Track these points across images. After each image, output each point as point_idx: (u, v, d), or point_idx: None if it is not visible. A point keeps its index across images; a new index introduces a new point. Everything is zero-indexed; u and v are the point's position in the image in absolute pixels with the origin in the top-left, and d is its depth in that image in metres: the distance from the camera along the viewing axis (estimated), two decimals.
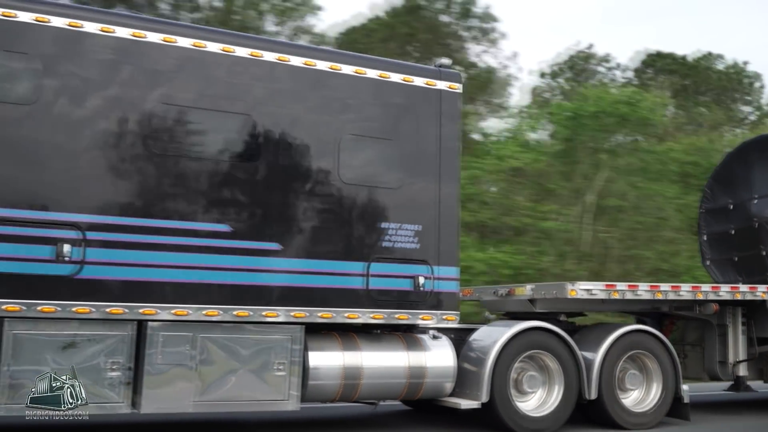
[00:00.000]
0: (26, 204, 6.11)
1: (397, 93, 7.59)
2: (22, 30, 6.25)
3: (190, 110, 6.73)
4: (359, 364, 7.20)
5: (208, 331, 6.58)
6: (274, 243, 6.88)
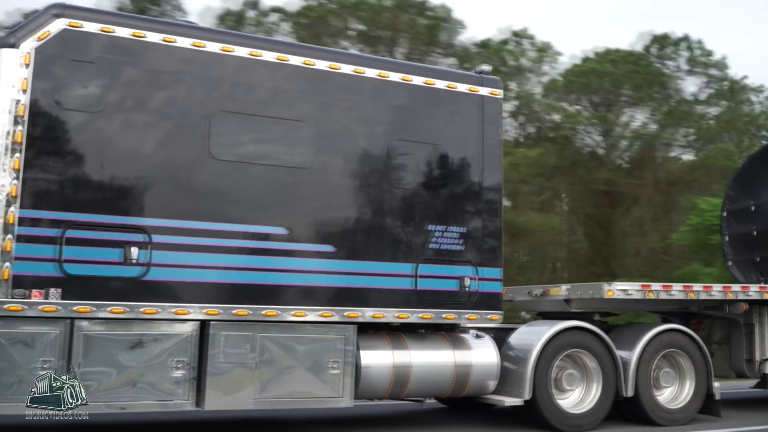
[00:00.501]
0: (96, 208, 6.34)
1: (441, 99, 7.83)
2: (88, 40, 6.48)
3: (247, 117, 6.96)
4: (408, 362, 7.43)
5: (267, 331, 6.81)
6: (328, 245, 7.11)
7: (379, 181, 7.42)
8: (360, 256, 7.23)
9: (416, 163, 7.63)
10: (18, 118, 6.16)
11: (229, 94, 6.92)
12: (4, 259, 6.00)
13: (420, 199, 7.58)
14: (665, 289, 8.85)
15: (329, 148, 7.25)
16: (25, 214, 6.10)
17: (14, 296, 6.00)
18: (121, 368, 6.28)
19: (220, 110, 6.86)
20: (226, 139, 6.88)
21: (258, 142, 7.02)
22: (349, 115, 7.38)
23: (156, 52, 6.70)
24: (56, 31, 6.37)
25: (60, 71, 6.34)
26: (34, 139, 6.19)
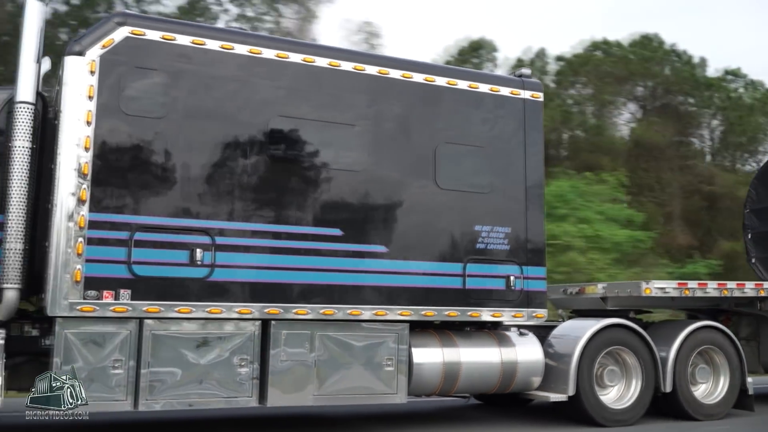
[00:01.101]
0: (162, 211, 6.52)
1: (485, 102, 8.02)
2: (150, 47, 6.66)
3: (303, 122, 7.15)
4: (458, 359, 7.62)
5: (325, 330, 6.99)
6: (380, 246, 7.29)
7: (427, 182, 7.60)
8: (411, 256, 7.41)
9: (463, 166, 7.81)
10: (86, 124, 6.33)
11: (285, 98, 7.10)
12: (76, 262, 6.16)
13: (467, 201, 7.76)
14: (701, 287, 9.06)
15: (381, 151, 7.44)
16: (95, 217, 6.27)
17: (86, 298, 6.17)
18: (188, 366, 6.45)
19: (277, 114, 7.03)
20: (283, 142, 7.05)
21: (314, 145, 7.18)
22: (398, 119, 7.57)
23: (214, 59, 6.88)
24: (120, 38, 6.54)
25: (124, 78, 6.51)
26: (101, 145, 6.37)
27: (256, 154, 6.93)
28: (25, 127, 6.30)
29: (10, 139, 6.30)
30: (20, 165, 6.26)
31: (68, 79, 6.37)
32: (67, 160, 6.25)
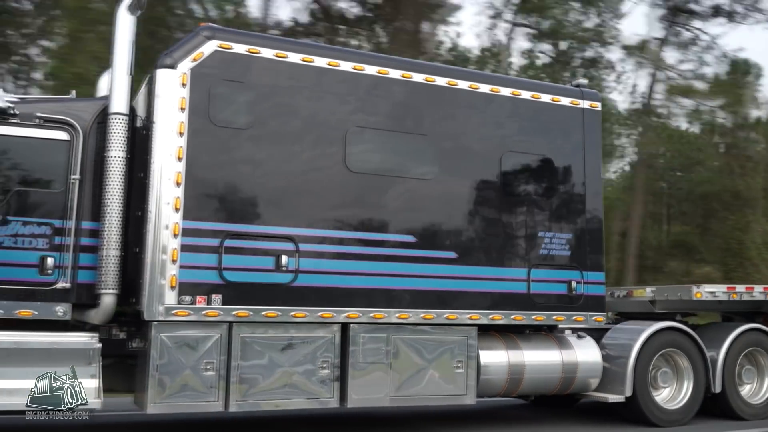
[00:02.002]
0: (250, 219, 6.77)
1: (547, 112, 8.27)
2: (237, 60, 6.89)
3: (377, 132, 7.39)
4: (522, 361, 7.88)
5: (400, 333, 7.25)
6: (451, 252, 7.55)
7: (493, 190, 7.86)
8: (479, 262, 7.67)
9: (526, 173, 8.07)
10: (178, 135, 6.57)
11: (360, 109, 7.34)
12: (171, 268, 6.41)
13: (531, 208, 8.02)
14: (748, 291, 9.33)
15: (450, 160, 7.68)
16: (189, 225, 6.52)
17: (181, 302, 6.42)
18: (274, 368, 6.71)
19: (355, 125, 7.28)
20: (360, 152, 7.30)
21: (388, 155, 7.43)
22: (465, 129, 7.81)
23: (296, 71, 7.11)
24: (209, 52, 6.78)
25: (213, 90, 6.74)
26: (192, 155, 6.60)
27: (335, 163, 7.17)
28: (119, 137, 6.54)
29: (105, 149, 6.54)
30: (115, 174, 6.50)
31: (161, 91, 6.61)
32: (161, 169, 6.49)
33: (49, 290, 6.35)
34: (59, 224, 6.43)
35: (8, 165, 6.41)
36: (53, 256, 6.38)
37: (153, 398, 6.28)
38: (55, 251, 6.39)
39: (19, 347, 6.14)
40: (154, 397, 6.28)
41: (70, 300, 6.41)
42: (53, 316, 6.36)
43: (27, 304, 6.29)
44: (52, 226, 6.41)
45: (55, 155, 6.53)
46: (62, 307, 6.38)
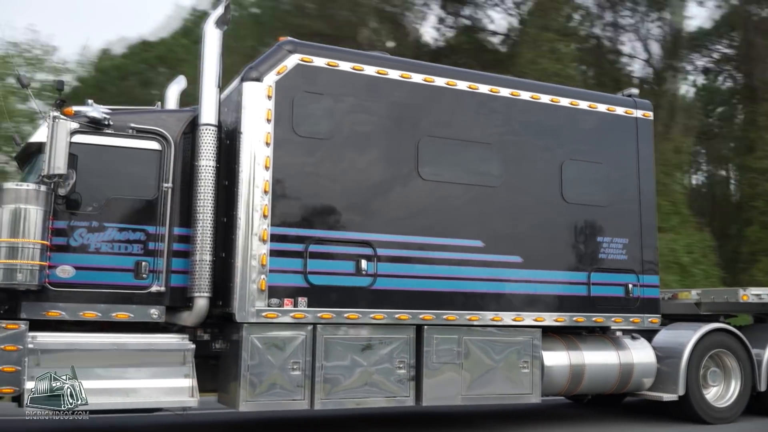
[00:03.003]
0: (332, 225, 7.07)
1: (603, 121, 8.59)
2: (317, 73, 7.20)
3: (448, 141, 7.69)
4: (582, 362, 8.19)
5: (470, 334, 7.54)
6: (516, 256, 7.85)
7: (555, 197, 8.16)
8: (543, 265, 7.98)
9: (585, 181, 8.38)
10: (265, 145, 6.86)
11: (432, 119, 7.65)
12: (261, 272, 6.71)
13: (590, 214, 8.33)
14: None
15: (514, 167, 7.99)
16: (276, 231, 6.81)
17: (270, 305, 6.71)
18: (354, 368, 7.00)
19: (426, 135, 7.58)
20: (431, 160, 7.60)
21: (457, 163, 7.74)
22: (528, 138, 8.12)
23: (371, 83, 7.41)
24: (292, 65, 7.08)
25: (296, 102, 7.04)
26: (278, 164, 6.90)
27: (409, 171, 7.47)
28: (209, 147, 6.83)
29: (196, 159, 6.83)
30: (206, 182, 6.79)
31: (247, 103, 6.90)
32: (250, 178, 6.78)
33: (144, 293, 6.64)
34: (152, 230, 6.72)
35: (105, 173, 6.68)
36: (147, 260, 6.66)
37: (245, 397, 6.57)
38: (149, 256, 6.68)
39: (119, 348, 6.43)
40: (245, 396, 6.57)
41: (163, 303, 6.70)
42: (148, 318, 6.65)
43: (123, 307, 6.58)
44: (146, 232, 6.70)
45: (148, 164, 6.82)
46: (156, 310, 6.67)
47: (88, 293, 6.49)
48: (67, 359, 6.23)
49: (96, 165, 6.63)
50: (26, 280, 6.03)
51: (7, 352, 6.17)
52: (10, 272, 5.97)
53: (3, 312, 6.26)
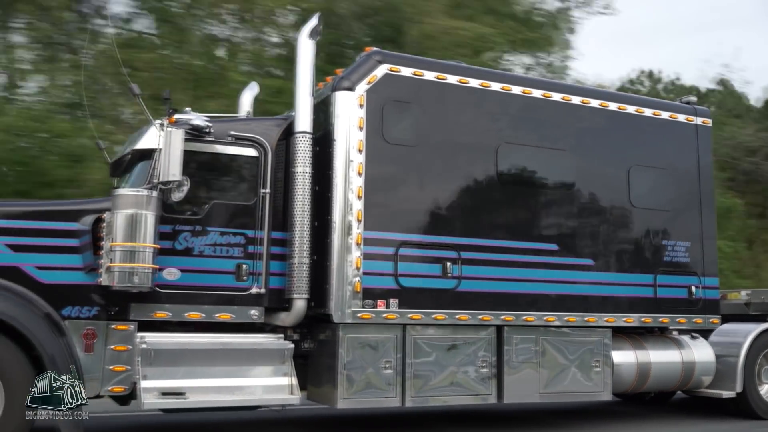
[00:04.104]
0: (419, 229, 7.35)
1: (666, 128, 8.88)
2: (404, 83, 7.46)
3: (524, 148, 7.97)
4: (648, 360, 8.50)
5: (546, 335, 7.84)
6: (588, 259, 8.14)
7: (623, 202, 8.46)
8: (613, 268, 8.28)
9: (650, 186, 8.67)
10: (358, 152, 7.13)
11: (509, 126, 7.93)
12: (356, 275, 6.98)
13: (655, 217, 8.63)
14: None
15: (586, 173, 8.27)
16: (369, 235, 7.08)
17: (365, 306, 6.99)
18: (441, 367, 7.28)
19: (504, 141, 7.86)
20: (509, 166, 7.88)
21: (533, 168, 8.02)
22: (599, 144, 8.41)
23: (454, 92, 7.68)
24: (381, 75, 7.34)
25: (385, 110, 7.30)
26: (370, 170, 7.16)
27: (489, 177, 7.75)
28: (305, 154, 7.08)
29: (292, 165, 7.08)
30: (302, 188, 7.04)
31: (340, 111, 7.16)
32: (344, 184, 7.05)
33: (244, 295, 6.90)
34: (251, 234, 6.98)
35: (206, 179, 6.94)
36: (247, 263, 6.92)
37: (342, 394, 6.84)
38: (249, 259, 6.94)
39: (224, 348, 6.69)
40: (343, 393, 6.84)
41: (262, 304, 6.97)
42: (248, 319, 6.92)
43: (225, 308, 6.84)
44: (245, 236, 6.96)
45: (246, 170, 7.08)
46: (256, 311, 6.94)
47: (192, 295, 6.75)
48: (177, 359, 6.50)
49: (199, 171, 6.88)
50: (141, 283, 6.27)
51: (118, 353, 6.45)
52: (127, 275, 6.21)
53: (113, 313, 6.50)
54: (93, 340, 6.40)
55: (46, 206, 6.83)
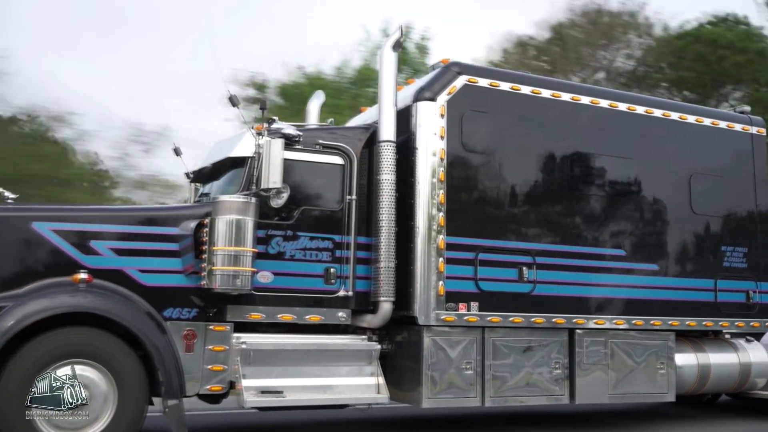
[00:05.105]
0: (497, 235, 7.61)
1: (724, 137, 9.16)
2: (481, 93, 7.73)
3: (594, 156, 8.24)
4: (708, 362, 8.76)
5: (614, 337, 8.10)
6: (653, 264, 8.41)
7: (685, 208, 8.72)
8: (676, 273, 8.55)
9: (710, 193, 8.93)
10: (439, 160, 7.39)
11: (580, 136, 8.20)
12: (439, 278, 7.24)
13: (714, 224, 8.90)
14: None
15: (650, 181, 8.54)
16: (451, 240, 7.34)
17: (447, 309, 7.25)
18: (517, 368, 7.55)
19: (575, 150, 8.12)
20: (581, 175, 8.14)
21: (603, 177, 8.29)
22: (661, 152, 8.67)
23: (527, 101, 7.95)
24: (460, 86, 7.61)
25: (464, 120, 7.57)
26: (451, 178, 7.43)
27: (560, 184, 8.02)
28: (389, 162, 7.33)
29: (377, 173, 7.33)
30: (387, 195, 7.29)
31: (422, 121, 7.42)
32: (427, 191, 7.31)
33: (332, 297, 7.16)
34: (338, 239, 7.24)
35: (296, 186, 7.18)
36: (335, 267, 7.18)
37: (427, 394, 7.10)
38: (336, 263, 7.20)
39: (318, 349, 6.96)
40: (427, 393, 7.10)
41: (349, 306, 7.22)
42: (336, 321, 7.18)
43: (315, 310, 7.10)
44: (333, 241, 7.21)
45: (333, 177, 7.34)
46: (344, 313, 7.20)
47: (284, 297, 7.01)
48: (273, 358, 6.76)
49: (289, 178, 7.12)
50: (242, 286, 6.53)
51: (216, 353, 6.71)
52: (230, 278, 6.47)
53: (211, 315, 6.76)
54: (193, 341, 6.65)
55: (148, 211, 7.10)
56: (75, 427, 5.91)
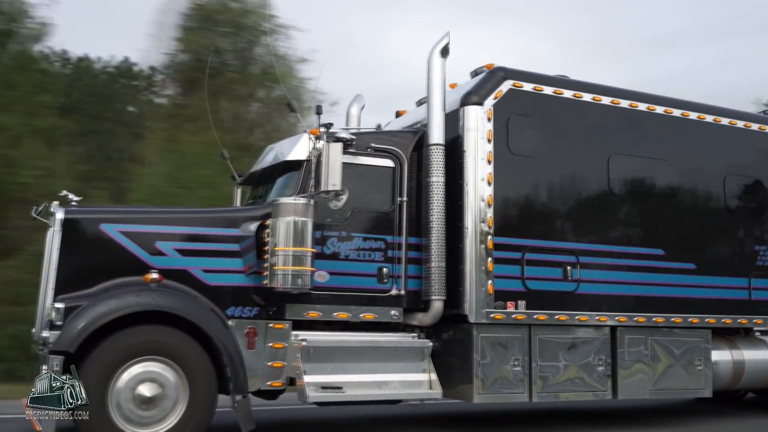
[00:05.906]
0: (543, 235, 7.83)
1: (756, 139, 9.38)
2: (526, 97, 7.94)
3: (633, 158, 8.45)
4: (742, 359, 8.98)
5: (654, 335, 8.32)
6: (690, 263, 8.63)
7: (720, 209, 8.95)
8: (713, 271, 8.76)
9: (743, 193, 9.16)
10: (487, 163, 7.61)
11: (619, 138, 8.41)
12: (488, 278, 7.46)
13: (748, 224, 9.12)
14: None
15: (687, 182, 8.77)
16: (499, 240, 7.56)
17: (496, 307, 7.47)
18: (563, 365, 7.76)
19: (614, 152, 8.34)
20: (620, 176, 8.36)
21: (642, 178, 8.51)
22: (698, 154, 8.90)
23: (570, 105, 8.17)
24: (506, 90, 7.83)
25: (510, 124, 7.78)
26: (498, 180, 7.64)
27: (601, 186, 8.24)
28: (439, 164, 7.55)
29: (427, 175, 7.55)
30: (437, 196, 7.51)
31: (470, 125, 7.64)
32: (476, 192, 7.53)
33: (385, 296, 7.38)
34: (390, 239, 7.46)
35: (350, 188, 7.38)
36: (387, 266, 7.40)
37: (478, 390, 7.32)
38: (389, 263, 7.42)
39: (373, 346, 7.18)
40: (478, 389, 7.32)
41: (401, 305, 7.45)
42: (389, 318, 7.40)
43: (369, 308, 7.33)
44: (385, 241, 7.44)
45: (385, 180, 7.56)
46: (396, 311, 7.42)
47: (340, 296, 7.23)
48: (331, 355, 6.98)
49: (344, 180, 7.33)
50: (303, 285, 6.75)
51: (276, 350, 6.93)
52: (293, 277, 6.68)
53: (271, 313, 6.98)
54: (254, 338, 6.87)
55: (211, 213, 7.30)
56: (149, 422, 6.14)
